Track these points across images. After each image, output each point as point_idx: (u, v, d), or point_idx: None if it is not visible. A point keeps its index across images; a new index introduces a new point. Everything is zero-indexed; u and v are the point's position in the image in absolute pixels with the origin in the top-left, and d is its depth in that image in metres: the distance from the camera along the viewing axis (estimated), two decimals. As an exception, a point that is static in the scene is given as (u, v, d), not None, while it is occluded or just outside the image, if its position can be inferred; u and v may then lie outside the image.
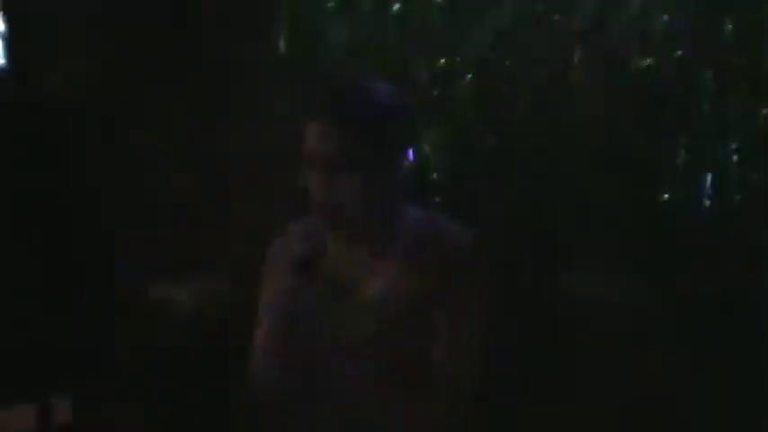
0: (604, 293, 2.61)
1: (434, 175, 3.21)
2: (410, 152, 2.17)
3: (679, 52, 2.78)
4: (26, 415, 3.80)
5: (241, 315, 2.30)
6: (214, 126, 3.90)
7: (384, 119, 2.11)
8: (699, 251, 2.74)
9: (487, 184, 3.12)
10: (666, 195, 2.79)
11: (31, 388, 3.86)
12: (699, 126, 2.77)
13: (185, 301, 3.68)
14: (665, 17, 2.82)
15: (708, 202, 2.74)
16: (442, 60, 3.21)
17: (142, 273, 3.06)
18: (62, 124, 4.01)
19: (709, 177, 2.75)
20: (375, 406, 2.14)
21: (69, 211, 3.97)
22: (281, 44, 3.57)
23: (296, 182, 2.10)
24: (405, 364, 2.12)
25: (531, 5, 3.02)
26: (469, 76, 3.17)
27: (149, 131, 3.87)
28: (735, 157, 2.73)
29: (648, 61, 2.81)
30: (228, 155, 3.82)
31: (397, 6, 3.29)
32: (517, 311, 2.43)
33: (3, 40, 3.94)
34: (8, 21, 3.95)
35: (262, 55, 3.58)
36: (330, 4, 3.42)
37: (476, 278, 2.12)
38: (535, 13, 3.01)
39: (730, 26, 2.71)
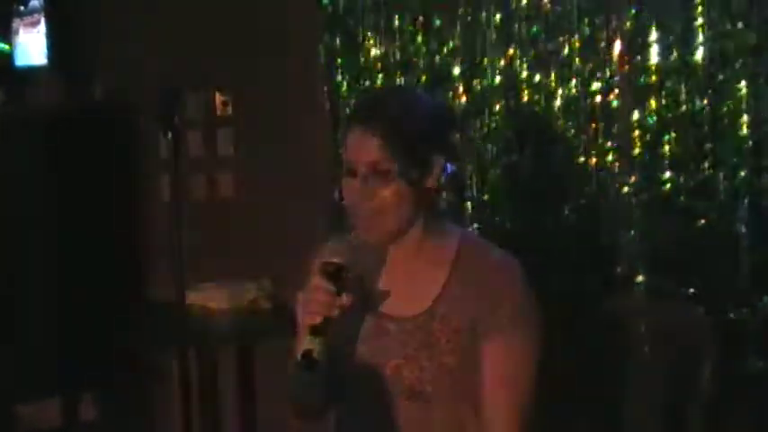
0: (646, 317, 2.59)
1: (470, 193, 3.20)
2: (448, 166, 2.13)
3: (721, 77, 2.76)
4: (52, 410, 3.81)
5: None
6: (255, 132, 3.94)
7: (423, 129, 2.08)
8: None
9: (524, 203, 3.09)
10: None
11: (58, 384, 3.88)
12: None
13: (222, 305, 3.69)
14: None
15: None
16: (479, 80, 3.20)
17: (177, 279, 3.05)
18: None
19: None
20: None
21: (104, 216, 3.99)
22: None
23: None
24: (440, 390, 2.04)
25: (569, 27, 3.01)
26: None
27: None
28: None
29: (686, 87, 2.80)
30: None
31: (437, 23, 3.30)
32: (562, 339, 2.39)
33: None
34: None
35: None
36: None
37: (530, 316, 2.05)
38: (573, 33, 3.00)
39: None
